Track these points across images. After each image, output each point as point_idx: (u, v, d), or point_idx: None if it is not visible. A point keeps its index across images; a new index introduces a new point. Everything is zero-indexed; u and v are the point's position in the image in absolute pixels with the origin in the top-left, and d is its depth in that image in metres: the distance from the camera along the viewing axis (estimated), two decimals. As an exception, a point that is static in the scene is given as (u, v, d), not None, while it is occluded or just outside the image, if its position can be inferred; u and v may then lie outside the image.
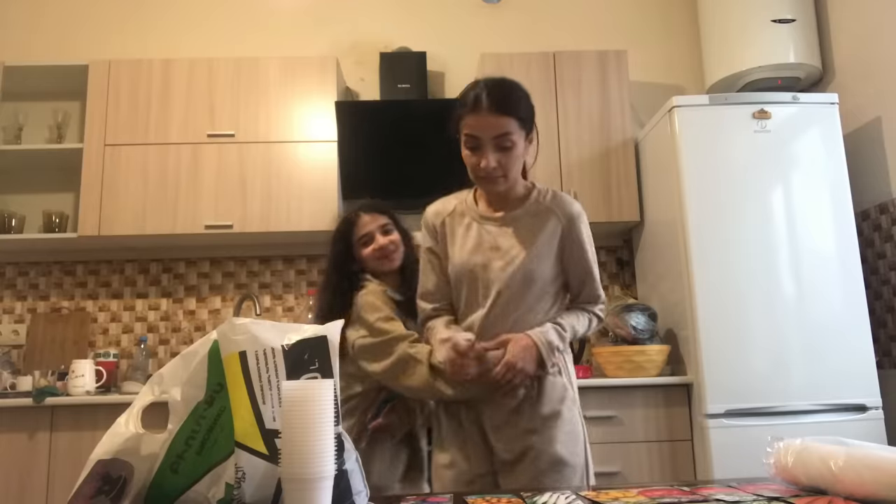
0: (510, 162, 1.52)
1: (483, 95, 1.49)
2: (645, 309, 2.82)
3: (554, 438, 1.52)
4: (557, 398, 1.56)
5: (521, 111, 1.52)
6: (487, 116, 1.48)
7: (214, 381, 0.93)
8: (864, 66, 2.95)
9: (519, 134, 1.51)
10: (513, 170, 1.54)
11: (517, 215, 1.61)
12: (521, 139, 1.53)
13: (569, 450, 1.52)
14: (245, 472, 0.87)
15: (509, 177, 1.54)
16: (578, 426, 1.58)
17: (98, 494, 0.85)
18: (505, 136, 1.49)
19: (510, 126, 1.49)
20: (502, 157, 1.51)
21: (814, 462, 0.93)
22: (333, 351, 0.91)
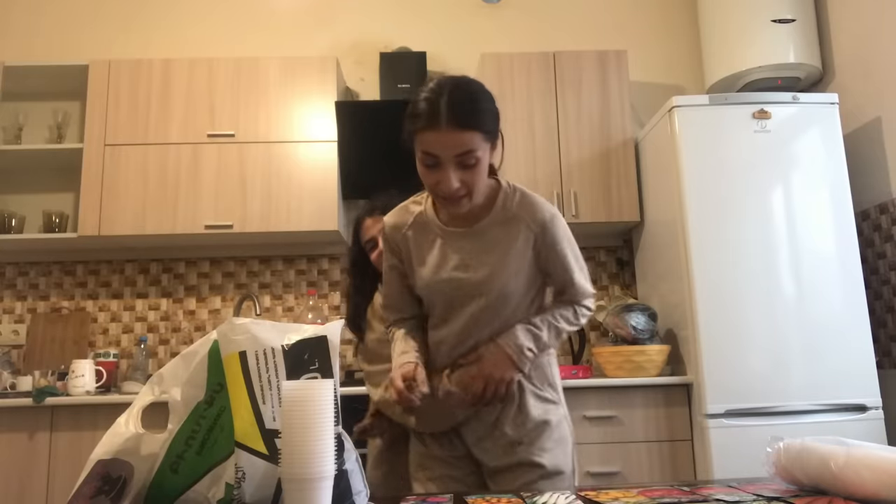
0: (474, 179, 1.32)
1: (441, 107, 1.27)
2: (645, 309, 2.82)
3: (544, 449, 1.45)
4: (542, 408, 1.49)
5: (485, 123, 1.30)
6: (448, 133, 1.27)
7: (214, 381, 0.93)
8: (864, 66, 2.95)
9: (483, 148, 1.31)
10: (478, 186, 1.34)
11: (484, 227, 1.44)
12: (486, 152, 1.33)
13: (559, 458, 1.48)
14: (245, 471, 0.87)
15: (474, 195, 1.35)
16: (566, 430, 1.52)
17: (98, 494, 0.85)
18: (468, 153, 1.28)
19: (474, 142, 1.28)
20: (466, 176, 1.31)
21: (814, 462, 0.93)
22: (333, 351, 0.91)
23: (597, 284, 3.36)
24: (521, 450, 1.45)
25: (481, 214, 1.45)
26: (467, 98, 1.30)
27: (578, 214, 3.04)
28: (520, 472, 1.44)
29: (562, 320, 1.47)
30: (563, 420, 1.53)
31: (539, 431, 1.46)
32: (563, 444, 1.50)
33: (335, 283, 3.33)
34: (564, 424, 1.53)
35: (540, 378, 1.51)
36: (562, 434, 1.50)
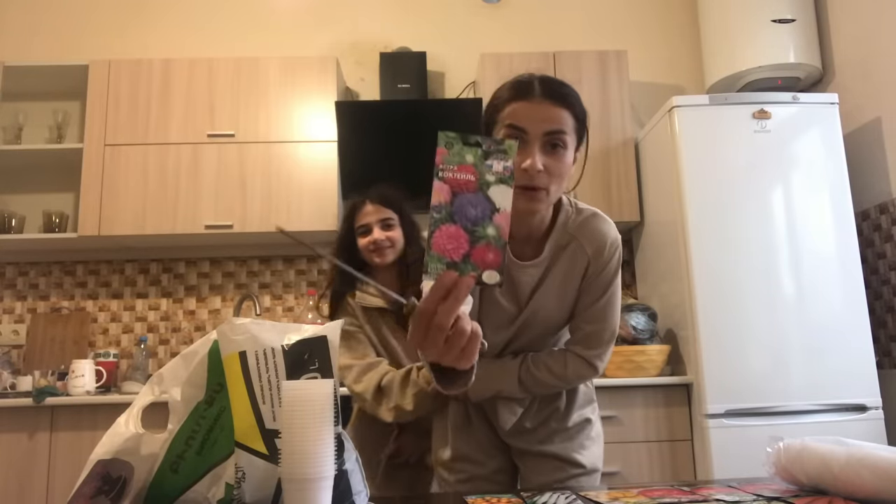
0: (559, 169, 1.15)
1: (535, 82, 1.17)
2: (645, 309, 2.82)
3: (584, 447, 1.41)
4: (585, 404, 1.46)
5: (576, 107, 1.18)
6: (540, 104, 1.14)
7: (214, 380, 0.93)
8: (863, 66, 2.95)
9: (572, 136, 1.17)
10: (557, 184, 1.16)
11: (544, 257, 1.28)
12: (573, 145, 1.18)
13: (596, 456, 1.44)
14: (245, 472, 0.86)
15: (551, 192, 1.16)
16: (600, 427, 1.50)
17: (98, 494, 0.85)
18: (558, 133, 1.13)
19: (565, 121, 1.14)
20: (551, 163, 1.13)
21: (814, 462, 0.93)
22: (333, 351, 0.91)
23: (597, 284, 3.36)
24: (562, 445, 1.40)
25: (542, 239, 1.28)
26: (559, 81, 1.19)
27: (578, 214, 3.03)
28: (558, 466, 1.40)
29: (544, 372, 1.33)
30: (598, 417, 1.51)
31: (581, 428, 1.44)
32: (599, 442, 1.48)
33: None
34: (599, 422, 1.50)
35: None
36: (598, 431, 1.48)
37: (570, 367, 1.32)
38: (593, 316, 1.31)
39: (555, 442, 1.41)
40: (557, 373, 1.32)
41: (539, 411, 1.43)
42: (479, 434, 1.44)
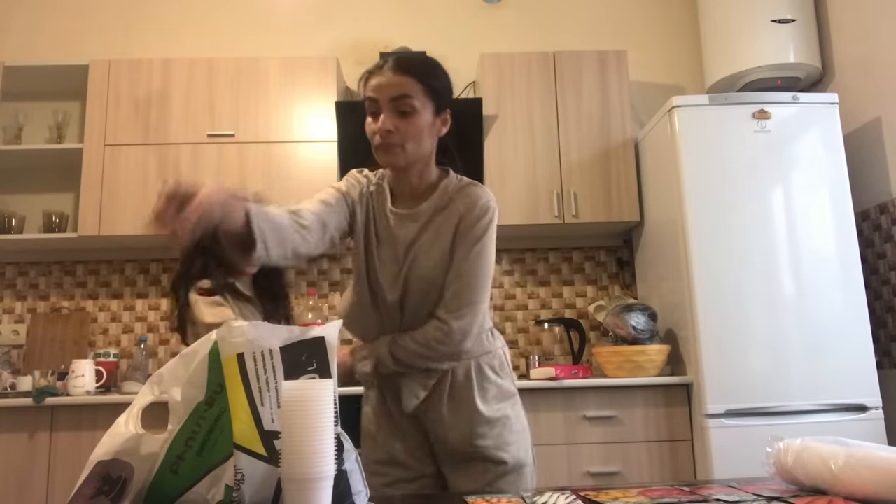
0: (410, 129, 1.34)
1: (388, 60, 1.37)
2: (645, 309, 2.82)
3: (506, 443, 1.41)
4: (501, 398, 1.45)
5: (427, 76, 1.37)
6: (386, 75, 1.35)
7: (215, 381, 0.93)
8: (863, 66, 2.95)
9: (423, 102, 1.34)
10: (412, 142, 1.35)
11: (423, 210, 1.42)
12: (427, 110, 1.36)
13: (521, 452, 1.43)
14: (244, 473, 0.86)
15: (407, 149, 1.35)
16: (524, 421, 1.48)
17: (98, 495, 0.85)
18: (404, 98, 1.33)
19: (410, 88, 1.33)
20: (401, 124, 1.33)
21: (814, 462, 0.93)
22: (331, 351, 0.91)
23: (597, 284, 3.37)
24: (483, 445, 1.40)
25: (423, 197, 1.44)
26: (414, 55, 1.41)
27: (578, 214, 3.04)
28: (484, 468, 1.40)
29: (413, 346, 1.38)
30: (522, 413, 1.49)
31: (501, 423, 1.42)
32: (525, 435, 1.46)
33: (335, 283, 3.33)
34: (523, 417, 1.49)
35: (498, 366, 1.47)
36: (522, 425, 1.47)
37: (430, 331, 1.37)
38: (457, 272, 1.37)
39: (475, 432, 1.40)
40: (419, 339, 1.37)
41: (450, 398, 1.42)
42: (409, 439, 1.47)
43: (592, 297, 3.34)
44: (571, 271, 3.38)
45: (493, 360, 1.47)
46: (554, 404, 2.64)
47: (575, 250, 3.39)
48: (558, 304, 3.34)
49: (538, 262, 3.38)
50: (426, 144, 1.39)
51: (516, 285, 3.35)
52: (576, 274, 3.38)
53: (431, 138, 1.40)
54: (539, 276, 3.37)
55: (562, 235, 3.34)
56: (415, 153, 1.37)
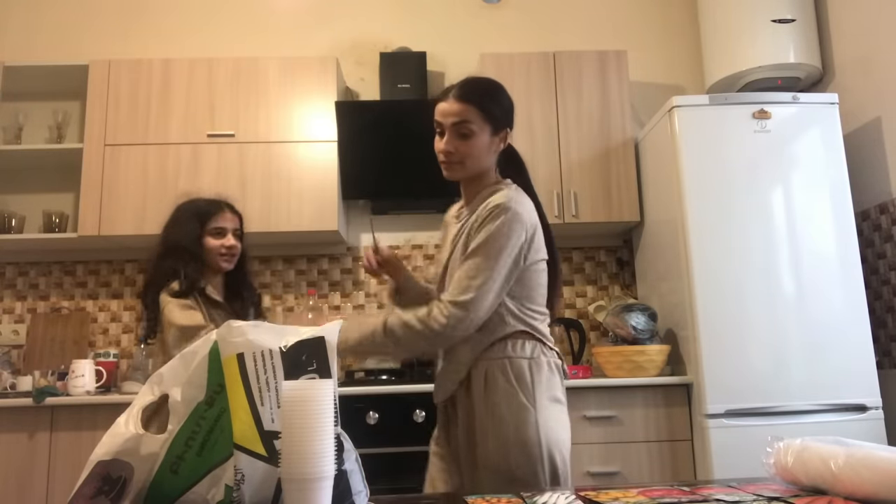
0: (468, 150, 1.52)
1: (453, 88, 1.55)
2: (645, 309, 2.82)
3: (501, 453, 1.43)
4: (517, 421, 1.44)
5: (485, 103, 1.53)
6: (451, 101, 1.53)
7: (215, 381, 0.93)
8: (863, 66, 2.95)
9: (481, 126, 1.52)
10: (470, 160, 1.53)
11: (467, 212, 1.60)
12: (485, 132, 1.53)
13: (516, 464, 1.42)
14: (244, 473, 0.86)
15: (466, 164, 1.54)
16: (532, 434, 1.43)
17: (98, 495, 0.85)
18: (463, 123, 1.51)
19: (469, 114, 1.51)
20: (461, 145, 1.52)
21: (814, 462, 0.93)
22: (331, 351, 0.91)
23: (597, 284, 3.37)
24: (484, 452, 1.45)
25: (471, 204, 1.61)
26: (476, 81, 1.59)
27: (578, 214, 3.04)
28: (485, 472, 1.45)
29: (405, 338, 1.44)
30: (533, 425, 1.45)
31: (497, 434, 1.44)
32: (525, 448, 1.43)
33: (335, 283, 3.33)
34: (533, 430, 1.44)
35: (516, 375, 1.48)
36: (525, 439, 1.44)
37: (431, 308, 1.44)
38: (465, 259, 1.48)
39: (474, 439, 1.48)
40: (419, 314, 1.44)
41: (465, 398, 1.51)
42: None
43: (592, 297, 3.34)
44: (571, 271, 3.38)
45: (508, 367, 1.48)
46: (554, 404, 2.64)
47: (575, 250, 3.39)
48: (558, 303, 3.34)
49: (538, 262, 3.37)
50: (484, 160, 1.56)
51: (516, 285, 3.35)
52: (576, 274, 3.38)
53: (490, 154, 1.57)
54: (539, 276, 3.36)
55: (562, 235, 3.31)
56: (473, 168, 1.56)
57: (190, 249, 1.98)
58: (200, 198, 2.10)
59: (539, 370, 1.49)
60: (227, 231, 2.02)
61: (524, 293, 1.51)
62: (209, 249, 1.99)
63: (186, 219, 2.03)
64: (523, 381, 1.47)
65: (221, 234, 2.01)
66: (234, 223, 2.05)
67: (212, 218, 2.02)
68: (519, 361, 1.48)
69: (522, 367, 1.48)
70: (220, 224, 2.02)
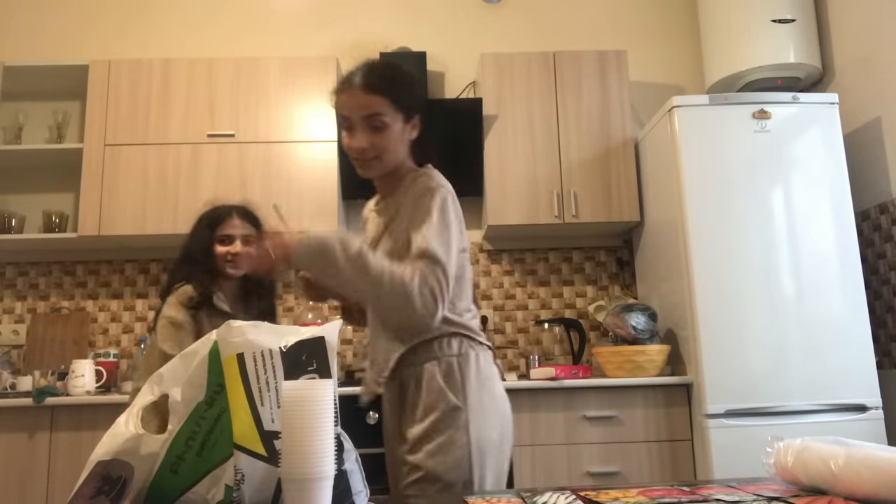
0: (384, 143, 1.42)
1: (356, 74, 1.42)
2: (645, 309, 2.82)
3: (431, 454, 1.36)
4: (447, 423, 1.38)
5: (395, 92, 1.42)
6: (357, 94, 1.40)
7: (215, 381, 0.93)
8: (864, 66, 2.95)
9: (393, 116, 1.41)
10: (387, 153, 1.43)
11: (388, 206, 1.50)
12: (398, 122, 1.43)
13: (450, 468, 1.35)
14: (244, 473, 0.86)
15: (383, 159, 1.44)
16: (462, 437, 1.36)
17: (98, 495, 0.85)
18: (375, 116, 1.40)
19: (380, 106, 1.40)
20: (375, 139, 1.41)
21: (814, 462, 0.93)
22: (331, 351, 0.91)
23: (597, 284, 3.37)
24: (411, 452, 1.39)
25: (392, 193, 1.51)
26: (380, 68, 1.45)
27: (578, 214, 3.04)
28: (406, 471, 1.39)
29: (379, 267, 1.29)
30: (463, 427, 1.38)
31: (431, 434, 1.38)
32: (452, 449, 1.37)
33: (335, 283, 3.33)
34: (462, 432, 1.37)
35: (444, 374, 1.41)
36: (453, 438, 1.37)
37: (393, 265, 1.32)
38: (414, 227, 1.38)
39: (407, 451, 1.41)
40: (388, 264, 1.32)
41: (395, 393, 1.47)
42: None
43: (592, 297, 3.34)
44: (571, 271, 3.38)
45: (437, 369, 1.41)
46: (554, 404, 2.64)
47: (575, 250, 3.39)
48: (558, 304, 3.34)
49: (538, 262, 3.38)
50: (399, 152, 1.47)
51: (516, 285, 3.35)
52: (576, 274, 3.38)
53: (403, 144, 1.47)
54: (539, 276, 3.37)
55: (562, 235, 3.34)
56: (390, 162, 1.46)
57: (200, 257, 2.01)
58: (219, 205, 2.11)
59: (468, 366, 1.42)
60: (235, 238, 2.03)
61: None
62: (217, 256, 2.01)
63: (200, 226, 2.06)
64: (453, 381, 1.40)
65: (229, 240, 2.03)
66: (243, 229, 2.05)
67: (220, 225, 2.04)
68: (448, 360, 1.41)
69: (452, 366, 1.41)
70: (227, 231, 2.03)
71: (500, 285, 3.35)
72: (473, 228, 3.34)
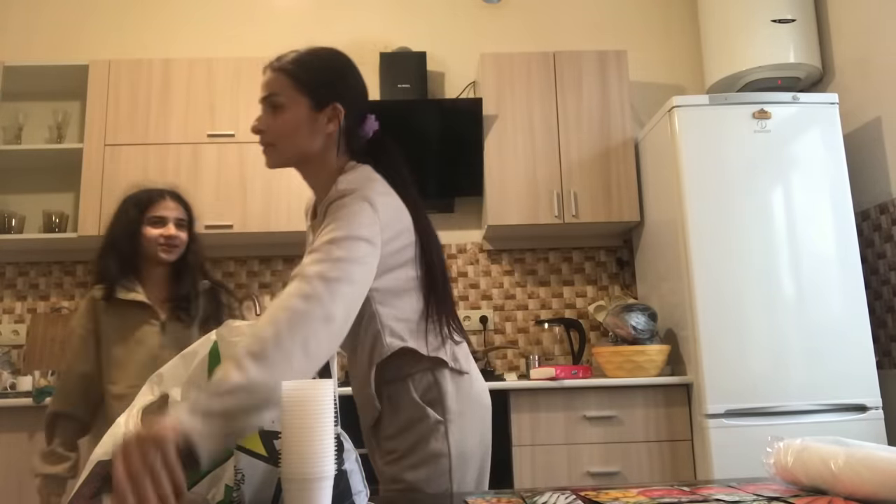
0: (277, 126, 1.25)
1: (275, 58, 1.30)
2: (645, 309, 2.82)
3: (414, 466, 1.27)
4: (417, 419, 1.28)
5: (298, 73, 1.26)
6: (265, 75, 1.28)
7: (214, 381, 0.93)
8: (864, 66, 2.95)
9: (292, 96, 1.25)
10: (284, 139, 1.26)
11: (318, 215, 1.29)
12: (300, 105, 1.25)
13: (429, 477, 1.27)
14: (244, 473, 0.87)
15: (279, 146, 1.26)
16: (442, 446, 1.27)
17: (98, 495, 0.85)
18: (270, 95, 1.25)
19: (277, 85, 1.26)
20: (270, 120, 1.25)
21: (814, 462, 0.93)
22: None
23: (597, 284, 3.37)
24: (391, 465, 1.30)
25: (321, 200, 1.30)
26: (294, 53, 1.30)
27: (578, 214, 3.04)
28: (391, 486, 1.30)
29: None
30: (441, 435, 1.29)
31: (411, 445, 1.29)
32: (434, 461, 1.28)
33: (335, 283, 3.33)
34: (441, 440, 1.28)
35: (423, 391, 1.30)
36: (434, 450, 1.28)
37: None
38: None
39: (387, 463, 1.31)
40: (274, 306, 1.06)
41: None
42: None
43: (592, 297, 3.35)
44: (571, 271, 3.38)
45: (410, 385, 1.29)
46: (554, 404, 2.64)
47: (575, 250, 3.39)
48: (558, 304, 3.34)
49: (538, 262, 3.38)
50: (304, 142, 1.26)
51: (516, 285, 3.35)
52: (576, 274, 3.38)
53: (313, 135, 1.27)
54: (539, 276, 3.37)
55: (562, 235, 3.34)
56: (290, 151, 1.27)
57: (124, 243, 1.87)
58: (149, 187, 1.96)
59: (444, 379, 1.29)
60: (168, 220, 1.88)
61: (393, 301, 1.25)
62: (148, 239, 1.86)
63: (126, 208, 1.91)
64: (429, 396, 1.29)
65: (161, 222, 1.88)
66: (177, 212, 1.92)
67: (151, 206, 1.89)
68: (420, 375, 1.29)
69: (426, 380, 1.29)
70: (159, 213, 1.88)
71: (500, 285, 3.35)
72: (473, 228, 3.34)
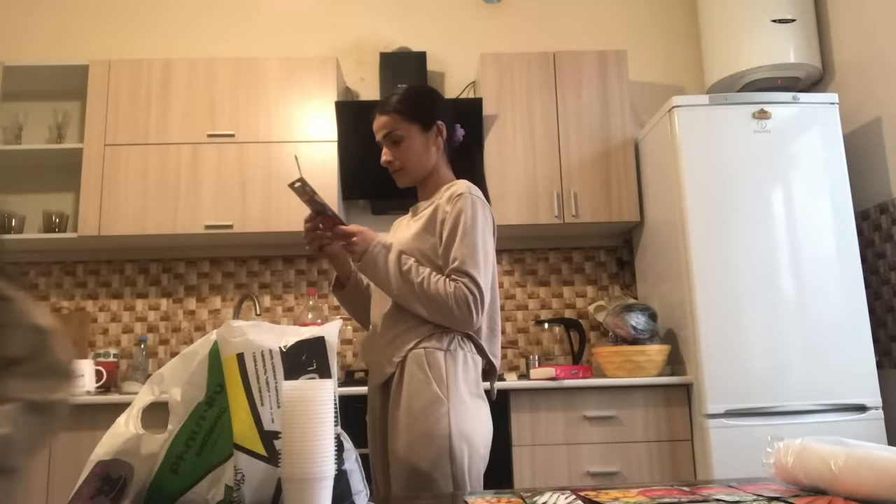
0: (404, 156, 1.61)
1: (377, 106, 1.65)
2: (645, 309, 2.82)
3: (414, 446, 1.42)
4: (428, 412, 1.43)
5: (403, 107, 1.60)
6: (377, 118, 1.63)
7: (215, 381, 0.93)
8: (863, 66, 2.95)
9: (407, 127, 1.60)
10: (411, 162, 1.62)
11: (419, 207, 1.66)
12: (414, 132, 1.61)
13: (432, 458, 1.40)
14: (244, 473, 0.87)
15: (408, 168, 1.62)
16: (445, 428, 1.41)
17: (98, 495, 0.85)
18: (390, 133, 1.61)
19: (392, 123, 1.60)
20: (396, 153, 1.62)
21: (814, 462, 0.93)
22: (331, 351, 0.91)
23: (597, 284, 3.37)
24: (394, 442, 1.46)
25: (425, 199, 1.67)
26: (395, 93, 1.64)
27: (578, 214, 3.04)
28: (395, 463, 1.45)
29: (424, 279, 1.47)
30: (446, 414, 1.42)
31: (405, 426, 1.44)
32: (435, 442, 1.41)
33: (335, 283, 3.33)
34: (445, 421, 1.42)
35: (430, 364, 1.47)
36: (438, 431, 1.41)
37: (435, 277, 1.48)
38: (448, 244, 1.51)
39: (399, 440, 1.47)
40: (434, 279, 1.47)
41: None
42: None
43: (592, 297, 3.35)
44: (571, 271, 3.38)
45: (423, 358, 1.48)
46: (554, 404, 2.64)
47: (575, 250, 3.39)
48: (558, 304, 3.34)
49: (538, 262, 3.38)
50: (424, 158, 1.64)
51: (516, 285, 3.35)
52: (576, 274, 3.38)
53: (429, 151, 1.64)
54: (539, 276, 3.37)
55: (562, 235, 3.34)
56: (417, 169, 1.64)
57: None
58: None
59: (454, 362, 1.48)
60: None
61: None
62: None
63: None
64: (437, 372, 1.46)
65: None
66: None
67: None
68: (434, 352, 1.48)
69: (437, 358, 1.47)
70: None
71: (500, 285, 3.35)
72: (473, 228, 3.34)
